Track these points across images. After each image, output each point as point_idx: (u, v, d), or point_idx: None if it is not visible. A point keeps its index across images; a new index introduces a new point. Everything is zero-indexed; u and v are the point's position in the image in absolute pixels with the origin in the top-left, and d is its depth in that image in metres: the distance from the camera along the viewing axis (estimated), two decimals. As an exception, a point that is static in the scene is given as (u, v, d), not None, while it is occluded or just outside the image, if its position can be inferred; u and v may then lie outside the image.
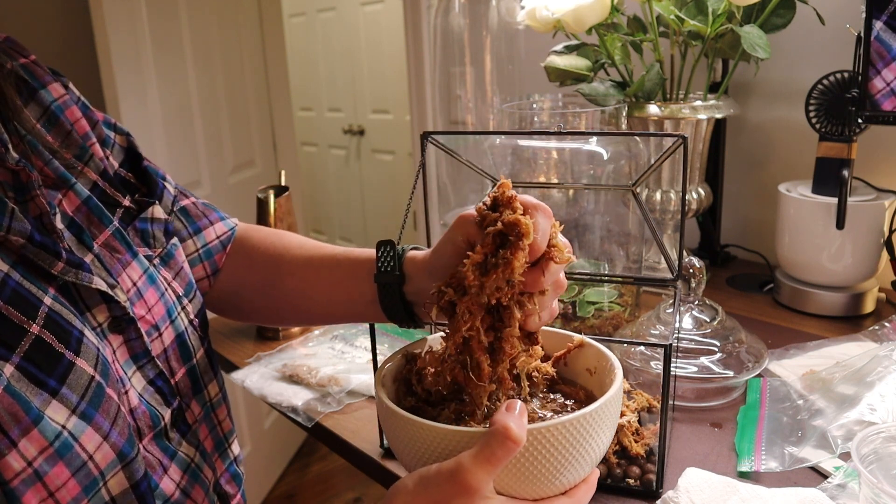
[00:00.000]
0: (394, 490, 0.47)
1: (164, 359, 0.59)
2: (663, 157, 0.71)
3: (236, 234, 0.75)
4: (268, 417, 2.36)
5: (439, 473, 0.45)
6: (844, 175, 0.95)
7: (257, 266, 0.73)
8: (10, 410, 0.43)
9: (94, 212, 0.56)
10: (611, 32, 1.07)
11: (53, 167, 0.55)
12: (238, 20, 2.19)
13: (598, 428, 0.49)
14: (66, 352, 0.47)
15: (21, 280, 0.47)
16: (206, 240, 0.72)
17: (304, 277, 0.70)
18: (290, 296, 0.71)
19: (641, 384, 0.78)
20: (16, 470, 0.43)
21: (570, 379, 0.62)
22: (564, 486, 0.49)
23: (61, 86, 0.61)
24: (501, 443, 0.43)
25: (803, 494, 0.61)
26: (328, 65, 3.74)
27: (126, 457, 0.49)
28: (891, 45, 0.88)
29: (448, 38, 1.30)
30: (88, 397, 0.47)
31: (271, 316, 0.76)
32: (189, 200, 0.73)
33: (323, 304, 0.70)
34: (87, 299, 0.52)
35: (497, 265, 0.48)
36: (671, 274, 0.70)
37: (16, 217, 0.47)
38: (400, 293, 0.62)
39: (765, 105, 1.24)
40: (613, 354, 0.57)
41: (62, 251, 0.49)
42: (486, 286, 0.48)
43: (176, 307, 0.61)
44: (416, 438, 0.48)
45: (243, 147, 2.24)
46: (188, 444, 0.60)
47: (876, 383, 0.73)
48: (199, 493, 0.60)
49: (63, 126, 0.59)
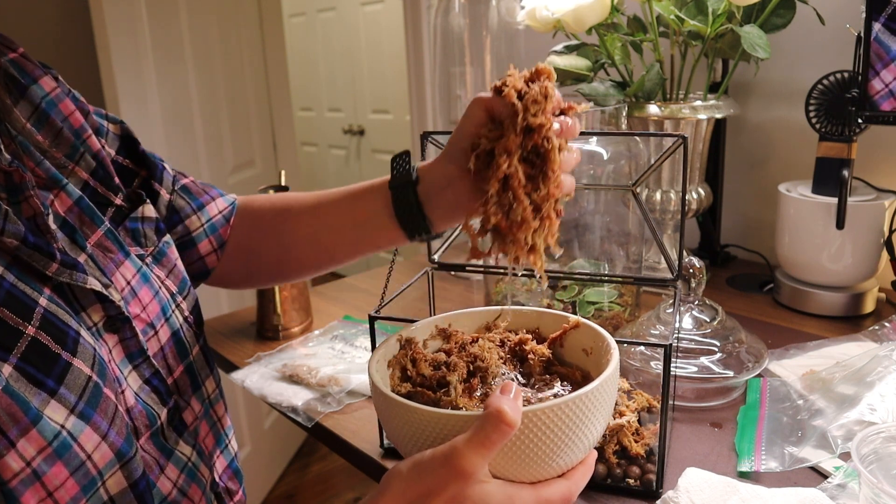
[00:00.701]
0: (388, 476, 0.47)
1: (161, 357, 0.59)
2: (663, 157, 0.71)
3: (237, 206, 0.76)
4: (268, 417, 2.36)
5: (433, 458, 0.44)
6: (844, 175, 0.95)
7: (266, 221, 0.74)
8: (8, 411, 0.43)
9: (85, 212, 0.56)
10: (611, 32, 1.07)
11: (45, 168, 0.55)
12: (238, 20, 2.18)
13: (595, 409, 0.48)
14: (62, 352, 0.47)
15: (15, 282, 0.47)
16: (209, 215, 0.73)
17: (315, 215, 0.71)
18: (301, 241, 0.72)
19: (641, 384, 0.78)
20: (14, 470, 0.43)
21: (567, 360, 0.61)
22: (561, 468, 0.49)
23: (52, 78, 0.60)
24: (496, 426, 0.43)
25: (803, 494, 0.61)
26: (328, 65, 3.74)
27: (124, 456, 0.49)
28: (889, 47, 0.88)
29: (448, 38, 1.30)
30: (86, 397, 0.47)
31: (284, 268, 0.76)
32: (188, 179, 0.74)
33: (335, 237, 0.71)
34: (82, 299, 0.52)
35: (537, 100, 0.50)
36: (671, 274, 0.70)
37: (9, 219, 0.47)
38: (414, 194, 0.63)
39: (765, 105, 1.24)
40: (609, 334, 0.56)
41: (56, 252, 0.49)
42: (528, 109, 0.50)
43: (170, 305, 0.61)
44: (409, 423, 0.48)
45: (243, 147, 2.24)
46: (185, 444, 0.59)
47: (876, 383, 0.73)
48: (197, 491, 0.60)
49: (54, 124, 0.58)
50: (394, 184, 0.64)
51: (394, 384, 0.57)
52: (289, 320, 1.07)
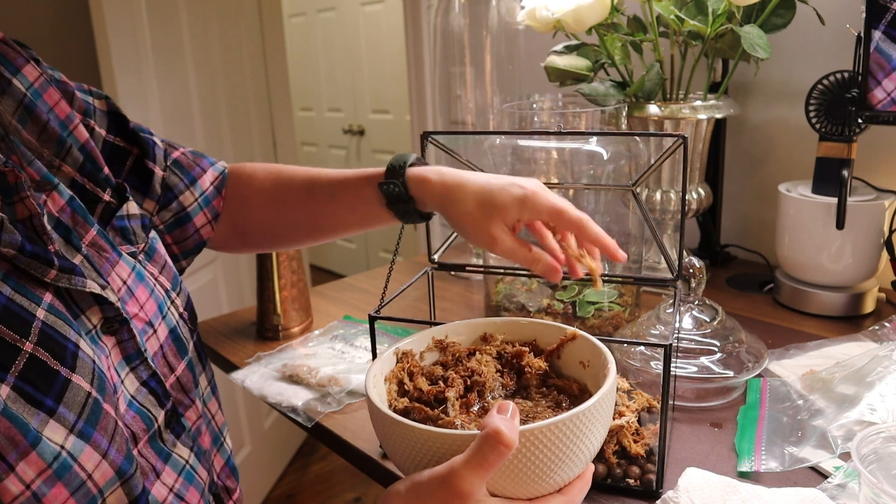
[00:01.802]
0: (386, 496, 0.47)
1: (161, 356, 0.58)
2: (663, 157, 0.71)
3: (227, 174, 0.77)
4: (268, 417, 2.36)
5: (431, 480, 0.44)
6: (844, 175, 0.95)
7: (258, 186, 0.76)
8: (7, 434, 0.42)
9: (77, 212, 0.55)
10: (611, 32, 1.07)
11: (36, 168, 0.54)
12: (238, 20, 2.19)
13: (592, 425, 0.48)
14: (61, 369, 0.46)
15: (13, 294, 0.46)
16: (202, 188, 0.74)
17: (309, 197, 0.74)
18: (293, 220, 0.75)
19: (641, 384, 0.78)
20: (14, 494, 0.42)
21: (564, 373, 0.61)
22: (559, 484, 0.49)
23: (34, 65, 0.58)
24: (493, 447, 0.42)
25: (803, 494, 0.61)
26: (328, 65, 3.74)
27: (125, 473, 0.49)
28: (891, 55, 0.88)
29: (448, 38, 1.30)
30: (86, 415, 0.46)
31: (277, 240, 0.79)
32: (179, 152, 0.74)
33: (328, 220, 0.74)
34: (80, 302, 0.51)
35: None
36: (671, 274, 0.70)
37: (5, 228, 0.46)
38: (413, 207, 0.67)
39: (765, 105, 1.24)
40: (607, 348, 0.56)
41: (54, 258, 0.49)
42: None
43: (166, 302, 0.61)
44: (406, 441, 0.48)
45: (243, 147, 2.24)
46: (182, 446, 0.59)
47: (876, 383, 0.73)
48: (194, 495, 0.59)
49: (39, 118, 0.57)
50: (393, 208, 0.69)
51: (391, 398, 0.57)
52: (289, 320, 1.07)
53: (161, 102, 1.83)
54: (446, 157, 0.80)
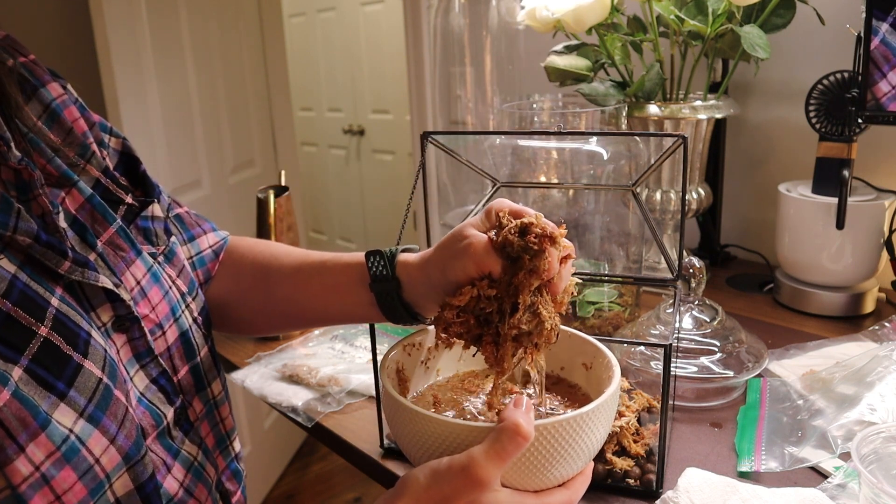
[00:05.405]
0: (403, 481, 0.48)
1: (167, 357, 0.59)
2: (663, 157, 0.71)
3: (227, 244, 0.74)
4: (268, 417, 2.36)
5: (451, 468, 0.46)
6: (844, 175, 0.95)
7: (246, 275, 0.72)
8: (18, 416, 0.43)
9: (97, 209, 0.56)
10: (611, 32, 1.07)
11: (56, 165, 0.55)
12: (238, 20, 2.18)
13: (599, 423, 0.51)
14: (73, 354, 0.47)
15: (28, 281, 0.47)
16: (199, 248, 0.72)
17: (294, 284, 0.68)
18: (280, 303, 0.69)
19: (641, 384, 0.78)
20: (24, 475, 0.43)
21: (564, 377, 0.63)
22: (563, 477, 0.51)
23: (60, 86, 0.61)
24: (511, 438, 0.45)
25: (803, 494, 0.61)
26: (328, 65, 3.74)
27: (132, 458, 0.49)
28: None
29: (448, 38, 1.30)
30: (96, 400, 0.47)
31: (262, 325, 0.75)
32: (182, 209, 0.73)
33: (316, 309, 0.68)
34: (92, 298, 0.52)
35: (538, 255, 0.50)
36: (671, 274, 0.70)
37: (22, 217, 0.47)
38: (399, 298, 0.61)
39: (765, 105, 1.24)
40: (611, 353, 0.58)
41: (68, 250, 0.49)
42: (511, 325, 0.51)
43: (180, 305, 0.61)
44: (424, 432, 0.50)
45: (243, 147, 2.24)
46: (191, 443, 0.60)
47: (876, 383, 0.73)
48: (203, 491, 0.60)
49: (64, 123, 0.58)
50: (376, 289, 0.61)
51: (400, 390, 0.59)
52: (289, 320, 1.07)
53: (161, 102, 1.83)
54: (446, 156, 0.80)
